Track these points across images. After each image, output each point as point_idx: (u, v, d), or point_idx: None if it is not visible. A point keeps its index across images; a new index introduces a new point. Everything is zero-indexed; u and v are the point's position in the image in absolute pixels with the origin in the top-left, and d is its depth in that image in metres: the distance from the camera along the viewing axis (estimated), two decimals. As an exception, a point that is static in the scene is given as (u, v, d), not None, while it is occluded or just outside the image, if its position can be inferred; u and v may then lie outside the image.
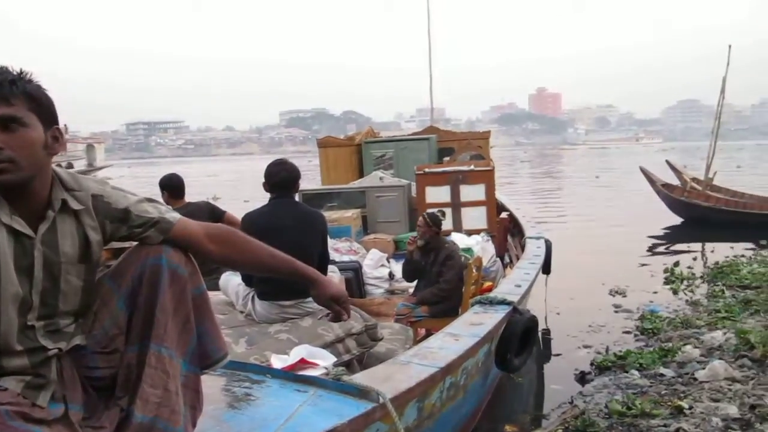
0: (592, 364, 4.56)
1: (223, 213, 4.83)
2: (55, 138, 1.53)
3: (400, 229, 6.76)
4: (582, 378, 4.33)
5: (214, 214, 4.75)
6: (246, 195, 16.48)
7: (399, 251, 6.08)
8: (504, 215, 6.92)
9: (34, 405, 1.47)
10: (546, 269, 5.02)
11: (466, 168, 7.00)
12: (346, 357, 3.10)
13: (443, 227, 4.89)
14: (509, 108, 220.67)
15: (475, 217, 6.63)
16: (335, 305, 1.90)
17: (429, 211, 4.94)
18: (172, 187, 4.84)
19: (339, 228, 6.21)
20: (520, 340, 3.08)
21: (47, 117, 1.51)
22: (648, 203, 13.59)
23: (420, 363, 2.27)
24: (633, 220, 12.89)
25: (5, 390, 1.44)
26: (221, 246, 1.72)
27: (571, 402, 3.88)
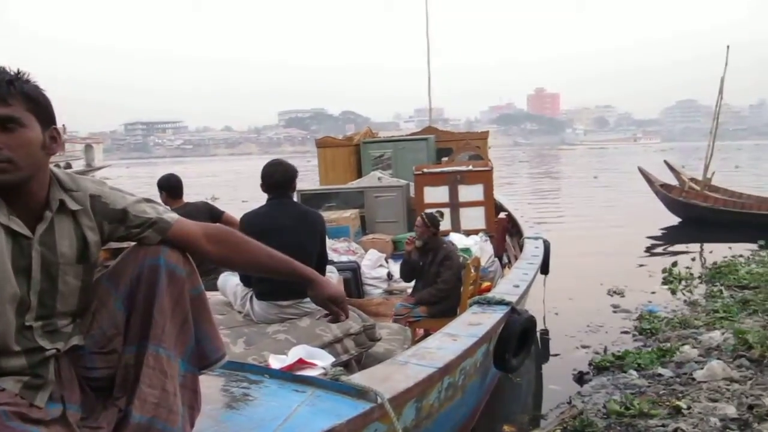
0: (590, 364, 4.56)
1: (222, 213, 4.83)
2: (53, 138, 1.54)
3: (398, 230, 6.76)
4: (580, 378, 4.33)
5: (212, 214, 4.75)
6: (244, 195, 16.48)
7: (397, 251, 6.07)
8: (502, 215, 6.93)
9: (31, 405, 1.47)
10: (544, 269, 5.03)
11: (464, 168, 7.01)
12: (344, 357, 3.10)
13: (442, 227, 4.89)
14: (507, 108, 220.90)
15: (474, 218, 6.64)
16: (333, 306, 1.90)
17: (427, 212, 4.94)
18: (170, 188, 4.83)
19: (337, 228, 6.21)
20: (518, 340, 3.08)
21: (45, 117, 1.51)
22: (646, 203, 13.61)
23: (418, 363, 2.27)
24: (631, 220, 12.90)
25: (3, 390, 1.44)
26: (219, 246, 1.72)
27: (570, 402, 3.88)
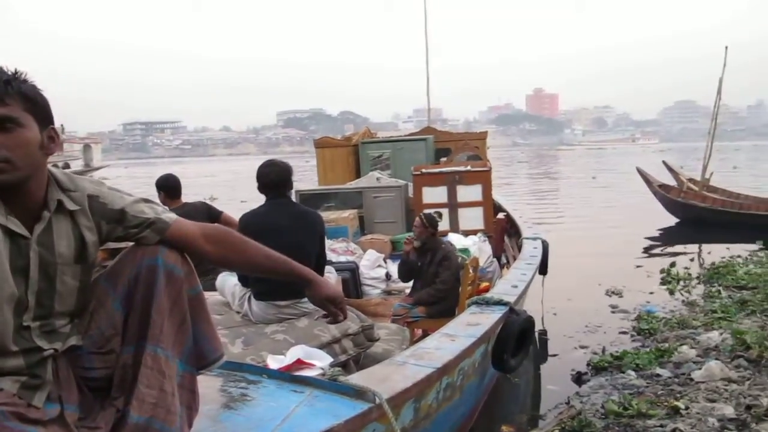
0: (588, 364, 4.56)
1: (220, 213, 4.83)
2: (51, 138, 1.53)
3: (397, 230, 6.76)
4: (578, 378, 4.34)
5: (210, 214, 4.75)
6: (243, 195, 16.45)
7: (396, 252, 6.08)
8: (501, 216, 6.94)
9: (29, 405, 1.47)
10: (543, 270, 5.04)
11: (463, 168, 7.01)
12: (342, 357, 3.10)
13: (440, 228, 4.89)
14: (506, 108, 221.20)
15: (472, 218, 6.64)
16: (331, 306, 1.90)
17: (425, 212, 4.94)
18: (168, 188, 4.83)
19: (336, 228, 6.21)
20: (516, 340, 3.08)
21: (43, 117, 1.51)
22: (645, 204, 13.62)
23: (416, 363, 2.27)
24: (630, 220, 12.92)
25: (1, 390, 1.44)
26: (217, 246, 1.72)
27: (568, 402, 3.89)
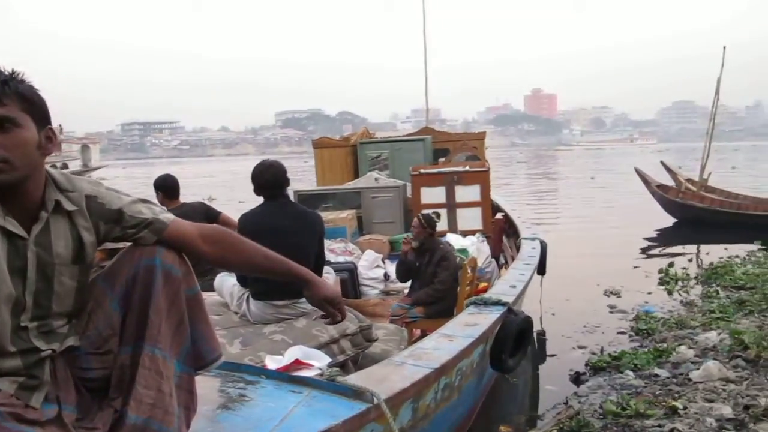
0: (586, 364, 4.57)
1: (218, 214, 4.83)
2: (49, 138, 1.53)
3: (395, 230, 6.76)
4: (577, 378, 4.34)
5: (208, 214, 4.75)
6: (241, 196, 16.43)
7: (394, 252, 6.08)
8: (499, 216, 6.94)
9: (27, 406, 1.46)
10: (541, 270, 5.04)
11: (461, 169, 7.01)
12: (340, 358, 3.10)
13: (438, 228, 4.89)
14: (504, 109, 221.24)
15: (471, 218, 6.64)
16: (329, 306, 1.90)
17: (424, 212, 4.94)
18: (166, 188, 4.83)
19: (334, 229, 6.20)
20: (514, 340, 3.08)
21: (40, 117, 1.51)
22: (643, 204, 13.63)
23: (415, 364, 2.27)
24: (628, 221, 12.93)
25: (-1, 391, 1.44)
26: (215, 247, 1.72)
27: (566, 402, 3.89)
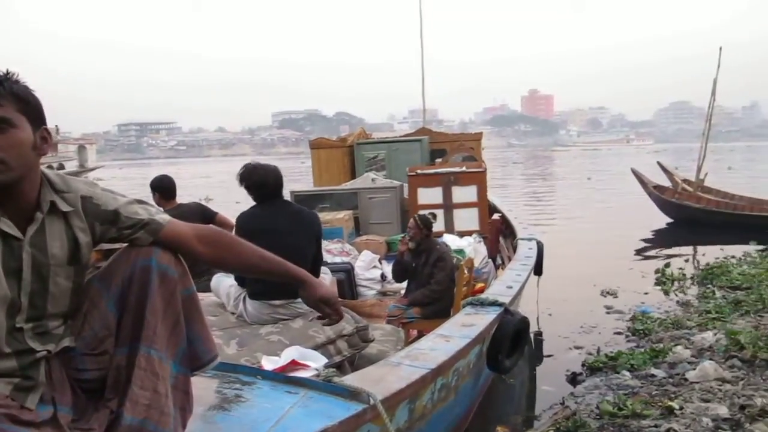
0: (583, 365, 4.57)
1: (215, 214, 4.82)
2: (44, 138, 1.53)
3: (392, 231, 6.76)
4: (573, 379, 4.34)
5: (205, 215, 4.75)
6: (238, 196, 16.37)
7: (391, 253, 6.08)
8: (496, 217, 6.95)
9: (22, 407, 1.46)
10: (538, 270, 5.04)
11: (458, 169, 7.01)
12: (337, 358, 3.10)
13: (435, 228, 4.89)
14: (501, 109, 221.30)
15: (467, 219, 6.64)
16: (325, 307, 1.90)
17: (420, 213, 4.94)
18: (163, 189, 4.82)
19: (331, 229, 6.20)
20: (511, 341, 3.08)
21: (35, 117, 1.51)
22: (639, 205, 13.65)
23: (411, 364, 2.27)
24: (624, 221, 12.95)
25: (-7, 392, 1.44)
26: (211, 247, 1.72)
27: (563, 403, 3.89)
